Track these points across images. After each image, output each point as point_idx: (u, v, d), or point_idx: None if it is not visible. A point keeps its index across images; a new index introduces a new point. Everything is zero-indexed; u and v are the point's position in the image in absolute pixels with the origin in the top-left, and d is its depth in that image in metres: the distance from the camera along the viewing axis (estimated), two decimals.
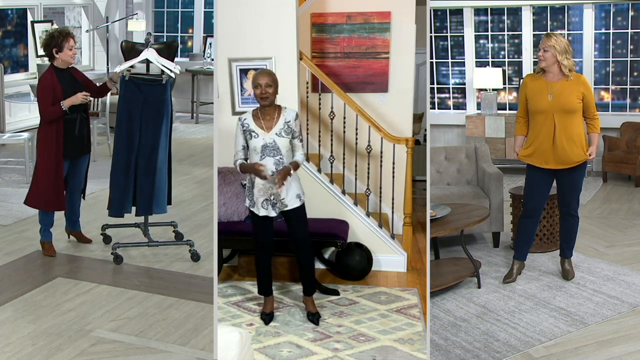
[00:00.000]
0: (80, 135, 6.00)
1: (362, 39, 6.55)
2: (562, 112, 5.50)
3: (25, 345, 4.62)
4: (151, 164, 6.01)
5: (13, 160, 8.98)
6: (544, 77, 5.56)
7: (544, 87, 5.53)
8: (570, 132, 5.52)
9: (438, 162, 7.09)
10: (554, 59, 5.47)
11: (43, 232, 6.14)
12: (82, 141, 6.05)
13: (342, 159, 6.37)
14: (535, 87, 5.58)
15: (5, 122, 9.97)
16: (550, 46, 5.45)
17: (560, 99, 5.48)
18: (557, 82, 5.51)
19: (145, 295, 5.41)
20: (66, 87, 5.86)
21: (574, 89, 5.51)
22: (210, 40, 12.28)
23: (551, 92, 5.49)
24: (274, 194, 4.80)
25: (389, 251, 5.92)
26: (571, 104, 5.49)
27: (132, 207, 6.08)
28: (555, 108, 5.49)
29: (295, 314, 5.09)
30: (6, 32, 12.09)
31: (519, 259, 5.87)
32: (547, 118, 5.52)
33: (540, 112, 5.54)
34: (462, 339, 4.83)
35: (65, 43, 5.85)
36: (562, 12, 9.84)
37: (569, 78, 5.52)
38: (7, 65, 11.45)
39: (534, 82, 5.60)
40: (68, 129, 5.91)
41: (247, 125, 4.81)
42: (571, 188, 5.71)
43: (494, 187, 6.56)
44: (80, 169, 6.14)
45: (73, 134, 5.94)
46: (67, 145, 5.93)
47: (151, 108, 5.97)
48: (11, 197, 7.66)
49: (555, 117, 5.50)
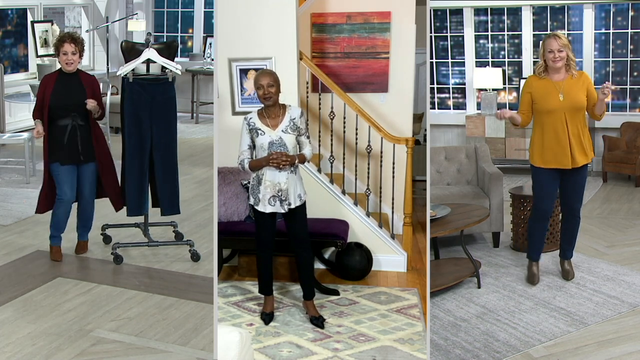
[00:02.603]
0: (71, 144, 5.79)
1: (362, 39, 6.55)
2: (573, 110, 5.51)
3: (25, 345, 4.62)
4: (169, 163, 6.04)
5: (13, 160, 8.98)
6: (548, 77, 5.56)
7: (552, 87, 5.52)
8: (579, 130, 5.55)
9: (438, 162, 7.09)
10: (566, 58, 5.49)
11: (52, 237, 6.05)
12: (75, 149, 5.81)
13: (342, 159, 6.37)
14: (542, 88, 5.55)
15: (5, 122, 9.97)
16: (565, 45, 5.46)
17: (570, 97, 5.49)
18: (563, 81, 5.52)
19: (145, 295, 5.41)
20: (61, 89, 5.75)
21: (580, 85, 5.52)
22: (210, 40, 12.27)
23: (561, 92, 5.50)
24: (282, 191, 4.81)
25: (389, 251, 5.92)
26: (581, 101, 5.52)
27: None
28: (567, 107, 5.49)
29: (295, 314, 5.09)
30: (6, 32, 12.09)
31: (537, 259, 5.86)
32: (558, 118, 5.51)
33: (550, 112, 5.52)
34: (462, 339, 4.83)
35: (60, 48, 5.77)
36: (562, 12, 9.84)
37: (573, 75, 5.52)
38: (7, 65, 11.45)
39: (540, 83, 5.58)
40: (56, 136, 5.78)
41: (253, 124, 4.83)
42: (577, 189, 5.71)
43: (494, 187, 6.56)
44: (82, 177, 5.94)
45: (61, 142, 5.78)
46: (55, 152, 5.80)
47: (160, 107, 5.97)
48: (11, 197, 7.66)
49: (567, 116, 5.51)
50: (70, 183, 5.88)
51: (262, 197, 4.84)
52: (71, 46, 5.77)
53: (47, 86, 5.79)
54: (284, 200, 4.84)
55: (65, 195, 5.87)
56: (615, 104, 9.74)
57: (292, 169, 4.85)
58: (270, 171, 4.80)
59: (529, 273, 5.84)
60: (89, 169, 5.94)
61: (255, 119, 4.84)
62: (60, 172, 5.84)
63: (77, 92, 5.81)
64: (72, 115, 5.77)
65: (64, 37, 5.80)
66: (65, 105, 5.76)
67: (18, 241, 6.46)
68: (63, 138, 5.78)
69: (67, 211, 5.97)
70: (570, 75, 5.53)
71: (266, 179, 4.82)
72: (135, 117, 5.96)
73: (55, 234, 6.03)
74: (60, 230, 6.04)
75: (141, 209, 6.10)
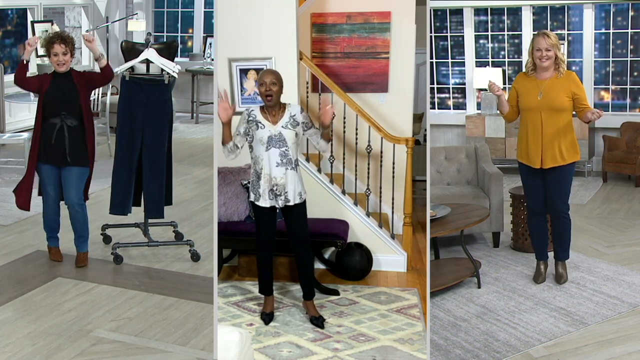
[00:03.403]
0: (57, 144, 5.67)
1: (362, 39, 6.55)
2: (549, 111, 5.49)
3: (25, 345, 4.62)
4: (157, 165, 6.01)
5: (13, 160, 8.98)
6: (535, 76, 5.56)
7: (535, 86, 5.53)
8: (558, 130, 5.50)
9: (438, 162, 7.09)
10: (554, 57, 5.48)
11: (49, 238, 6.03)
12: (61, 150, 5.68)
13: (342, 159, 6.37)
14: (526, 86, 5.58)
15: (5, 122, 9.98)
16: (553, 45, 5.45)
17: (548, 97, 5.47)
18: (546, 80, 5.51)
19: (145, 295, 5.41)
20: (54, 89, 5.66)
21: (563, 86, 5.49)
22: (210, 40, 12.27)
23: (541, 91, 5.49)
24: (278, 185, 4.82)
25: (389, 251, 5.91)
26: (559, 102, 5.47)
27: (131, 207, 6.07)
28: (544, 106, 5.48)
29: (295, 314, 5.09)
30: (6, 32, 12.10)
31: (542, 258, 5.86)
32: (535, 116, 5.52)
33: (529, 109, 5.55)
34: (462, 339, 4.83)
35: (50, 49, 5.67)
36: (562, 12, 9.84)
37: (560, 74, 5.51)
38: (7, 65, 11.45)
39: (526, 81, 5.60)
40: (45, 134, 5.69)
41: (254, 116, 4.85)
42: (557, 189, 5.64)
43: (494, 187, 6.56)
44: (66, 180, 5.77)
45: (49, 141, 5.68)
46: (42, 151, 5.71)
47: (153, 108, 5.96)
48: (11, 197, 7.60)
49: (543, 115, 5.49)
50: (53, 185, 5.79)
51: (262, 191, 4.85)
52: (61, 47, 5.66)
53: (44, 83, 5.71)
54: (279, 195, 4.84)
55: (47, 195, 5.83)
56: (615, 104, 9.74)
57: (292, 166, 4.86)
58: (268, 165, 4.81)
59: (536, 271, 5.85)
60: (74, 173, 5.75)
61: (257, 113, 4.87)
62: (43, 171, 5.77)
63: (69, 91, 5.69)
64: (62, 115, 5.67)
65: (53, 38, 5.68)
66: (56, 103, 5.66)
67: (18, 241, 6.46)
68: (50, 138, 5.69)
69: (55, 211, 5.88)
70: (556, 75, 5.52)
71: (265, 173, 4.83)
72: (129, 115, 5.95)
73: (51, 234, 6.01)
74: (54, 231, 6.00)
75: (125, 208, 6.04)
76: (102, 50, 5.51)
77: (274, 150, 4.80)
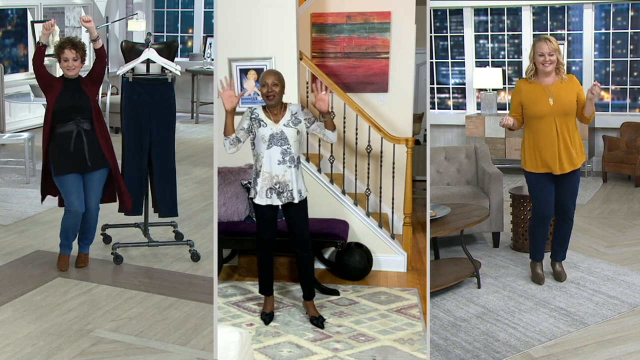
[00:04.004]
0: (77, 151, 5.57)
1: (362, 39, 6.55)
2: (563, 115, 5.48)
3: (25, 345, 4.62)
4: (168, 164, 6.05)
5: (13, 160, 8.99)
6: (538, 82, 5.54)
7: (542, 92, 5.49)
8: (570, 134, 5.51)
9: (438, 162, 7.09)
10: (556, 62, 5.47)
11: (62, 246, 5.85)
12: (81, 156, 5.58)
13: (342, 159, 6.37)
14: (532, 92, 5.52)
15: (5, 122, 9.98)
16: (555, 50, 5.43)
17: (560, 102, 5.45)
18: (553, 85, 5.50)
19: (145, 295, 5.41)
20: (65, 94, 5.58)
21: (570, 89, 5.49)
22: (210, 40, 12.28)
23: (551, 96, 5.47)
24: (280, 183, 4.82)
25: (389, 251, 5.92)
26: (571, 106, 5.48)
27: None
28: (557, 111, 5.46)
29: (295, 314, 5.09)
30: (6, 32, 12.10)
31: (539, 260, 5.86)
32: (548, 123, 5.48)
33: (540, 117, 5.49)
34: (462, 339, 4.84)
35: (60, 54, 5.60)
36: (562, 12, 9.85)
37: (563, 79, 5.50)
38: (7, 65, 11.46)
39: (530, 87, 5.55)
40: (60, 143, 5.57)
41: (257, 115, 4.87)
42: (570, 192, 5.67)
43: (494, 187, 6.56)
44: (88, 186, 5.71)
45: (67, 149, 5.56)
46: (61, 161, 5.57)
47: (159, 107, 5.99)
48: (11, 197, 7.66)
49: (557, 121, 5.48)
50: (77, 193, 5.64)
51: (259, 189, 4.86)
52: (72, 52, 5.57)
53: (54, 85, 5.61)
54: (282, 193, 4.84)
55: (72, 206, 5.64)
56: (615, 104, 9.74)
57: (295, 164, 4.86)
58: (268, 163, 4.82)
59: (533, 274, 5.84)
60: (96, 177, 5.70)
61: (259, 111, 4.89)
62: (66, 181, 5.62)
63: (80, 96, 5.62)
64: (77, 120, 5.58)
65: (64, 44, 5.59)
66: (69, 109, 5.57)
67: (18, 241, 6.46)
68: (69, 145, 5.57)
69: (76, 222, 5.73)
70: (560, 79, 5.51)
71: (264, 171, 4.84)
72: (135, 117, 5.99)
73: (66, 243, 5.84)
74: (71, 240, 5.85)
75: (139, 208, 6.11)
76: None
77: (276, 148, 4.82)
